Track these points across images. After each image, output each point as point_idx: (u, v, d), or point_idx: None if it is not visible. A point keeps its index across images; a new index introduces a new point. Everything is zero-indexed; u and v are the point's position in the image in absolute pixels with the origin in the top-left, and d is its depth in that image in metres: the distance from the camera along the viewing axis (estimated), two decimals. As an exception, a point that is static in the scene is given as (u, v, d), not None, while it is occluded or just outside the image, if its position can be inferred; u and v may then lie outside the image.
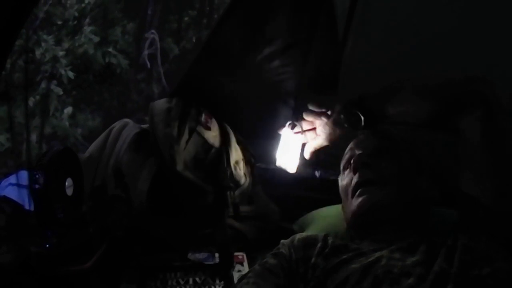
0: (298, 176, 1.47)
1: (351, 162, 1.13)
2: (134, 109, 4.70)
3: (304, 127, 1.25)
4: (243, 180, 1.51)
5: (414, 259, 0.92)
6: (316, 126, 1.23)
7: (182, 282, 1.31)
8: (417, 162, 1.15)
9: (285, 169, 1.37)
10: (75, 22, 4.35)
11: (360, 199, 1.07)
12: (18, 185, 1.38)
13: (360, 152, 1.14)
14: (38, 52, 3.96)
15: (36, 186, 1.11)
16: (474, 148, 1.00)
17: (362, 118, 1.11)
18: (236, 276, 1.33)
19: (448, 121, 1.03)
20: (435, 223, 1.08)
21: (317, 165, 1.64)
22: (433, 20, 1.45)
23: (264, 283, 0.98)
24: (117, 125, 1.57)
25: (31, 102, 3.92)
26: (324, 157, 1.33)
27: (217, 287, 1.31)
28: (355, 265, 0.95)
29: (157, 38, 4.85)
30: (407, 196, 1.07)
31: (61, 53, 4.06)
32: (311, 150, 1.25)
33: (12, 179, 1.42)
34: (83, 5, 4.40)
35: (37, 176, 1.11)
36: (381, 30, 1.53)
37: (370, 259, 0.95)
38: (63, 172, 1.21)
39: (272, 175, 1.68)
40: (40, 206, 1.13)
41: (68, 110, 4.26)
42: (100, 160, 1.50)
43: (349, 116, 1.13)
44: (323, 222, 1.42)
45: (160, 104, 1.49)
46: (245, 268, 1.36)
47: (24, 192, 1.31)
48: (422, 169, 1.14)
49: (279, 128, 1.29)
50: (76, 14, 4.35)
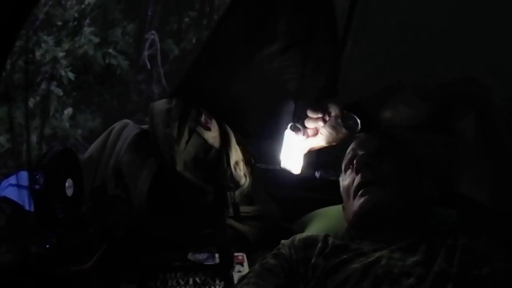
0: (298, 176, 1.47)
1: (354, 162, 1.12)
2: (134, 109, 4.70)
3: (306, 131, 1.26)
4: (243, 181, 1.51)
5: (414, 259, 0.92)
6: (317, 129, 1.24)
7: (182, 282, 1.30)
8: (417, 162, 1.15)
9: (289, 170, 1.37)
10: (75, 23, 4.36)
11: (362, 200, 1.07)
12: (18, 185, 1.38)
13: (362, 153, 1.14)
14: (38, 53, 3.97)
15: (36, 187, 1.11)
16: (472, 149, 1.00)
17: (359, 121, 1.12)
18: (236, 277, 1.32)
19: (444, 123, 1.04)
20: (435, 223, 1.08)
21: (317, 165, 1.63)
22: (433, 20, 1.45)
23: (264, 283, 0.98)
24: (117, 125, 1.58)
25: (31, 103, 3.93)
26: (325, 157, 1.33)
27: (217, 287, 1.31)
28: (355, 265, 0.95)
29: (157, 39, 4.85)
30: (408, 196, 1.07)
31: (61, 54, 4.07)
32: (309, 148, 1.24)
33: (12, 179, 1.42)
34: (83, 6, 4.41)
35: (37, 177, 1.11)
36: (381, 30, 1.53)
37: (370, 259, 0.95)
38: (63, 173, 1.21)
39: (272, 176, 1.69)
40: (40, 206, 1.13)
41: (68, 111, 4.27)
42: (100, 160, 1.50)
43: (346, 120, 1.13)
44: (323, 223, 1.42)
45: (160, 104, 1.49)
46: (245, 269, 1.36)
47: (24, 192, 1.31)
48: (422, 169, 1.14)
49: (279, 129, 1.30)
50: (76, 15, 4.36)
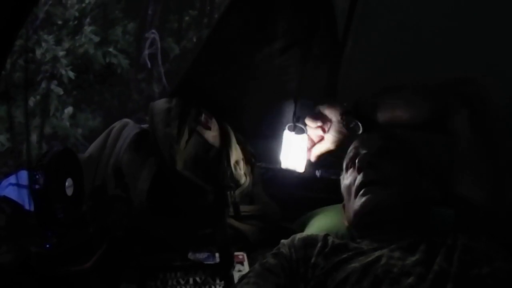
0: (298, 175, 1.47)
1: (356, 161, 1.12)
2: (135, 108, 4.69)
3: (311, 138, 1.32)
4: (243, 180, 1.51)
5: (414, 258, 0.92)
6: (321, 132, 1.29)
7: (182, 282, 1.31)
8: (418, 162, 1.15)
9: (293, 170, 1.38)
10: (76, 22, 4.35)
11: (363, 199, 1.06)
12: (18, 185, 1.38)
13: (364, 152, 1.13)
14: (38, 52, 3.96)
15: (36, 186, 1.11)
16: (468, 149, 1.01)
17: (360, 124, 1.19)
18: (236, 276, 1.33)
19: (441, 123, 1.05)
20: (435, 223, 1.08)
21: (317, 164, 1.63)
22: (433, 20, 1.45)
23: (264, 283, 0.98)
24: (117, 125, 1.58)
25: (32, 102, 3.92)
26: (325, 156, 1.34)
27: (217, 287, 1.31)
28: (355, 264, 0.96)
29: (157, 38, 4.84)
30: (409, 196, 1.07)
31: (61, 53, 4.06)
32: (318, 154, 1.31)
33: (12, 179, 1.42)
34: (83, 5, 4.40)
35: (37, 176, 1.11)
36: (381, 30, 1.53)
37: (370, 258, 0.95)
38: (63, 172, 1.21)
39: (273, 175, 1.69)
40: (40, 206, 1.13)
41: (69, 110, 4.26)
42: (100, 160, 1.50)
43: (348, 124, 1.21)
44: (323, 222, 1.42)
45: (160, 104, 1.49)
46: (245, 268, 1.36)
47: (24, 192, 1.31)
48: (423, 169, 1.14)
49: (279, 128, 1.30)
50: (77, 14, 4.35)
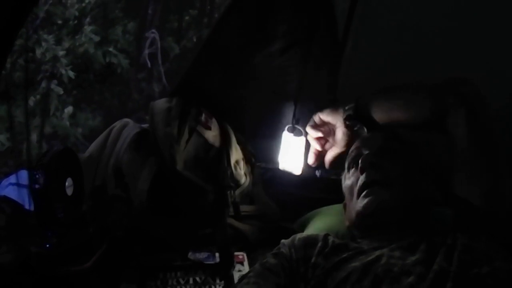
0: (299, 175, 1.47)
1: (359, 161, 1.11)
2: (135, 108, 4.69)
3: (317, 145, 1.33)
4: (243, 180, 1.51)
5: (414, 258, 0.92)
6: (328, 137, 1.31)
7: (182, 282, 1.31)
8: (420, 163, 1.15)
9: (290, 171, 1.38)
10: (76, 22, 4.36)
11: (366, 200, 1.05)
12: (18, 184, 1.38)
13: (367, 152, 1.13)
14: (38, 52, 3.97)
15: (36, 186, 1.11)
16: (465, 148, 1.01)
17: (364, 127, 1.20)
18: (236, 276, 1.33)
19: (437, 123, 1.06)
20: (435, 223, 1.08)
21: (317, 164, 1.63)
22: (433, 20, 1.45)
23: (264, 283, 0.98)
24: (117, 124, 1.58)
25: (32, 101, 3.93)
26: (339, 159, 1.33)
27: (217, 286, 1.31)
28: (355, 263, 0.95)
29: (157, 38, 4.84)
30: (411, 197, 1.07)
31: (61, 52, 4.06)
32: (331, 160, 1.31)
33: (12, 178, 1.42)
34: (83, 4, 4.40)
35: (37, 176, 1.11)
36: (381, 30, 1.53)
37: (370, 258, 0.95)
38: (63, 172, 1.21)
39: (273, 175, 1.69)
40: (40, 206, 1.13)
41: (69, 109, 4.26)
42: (100, 160, 1.50)
43: (352, 127, 1.22)
44: (324, 222, 1.42)
45: (161, 103, 1.49)
46: (245, 268, 1.36)
47: (24, 192, 1.31)
48: (424, 169, 1.14)
49: (279, 128, 1.30)
50: (77, 14, 4.35)
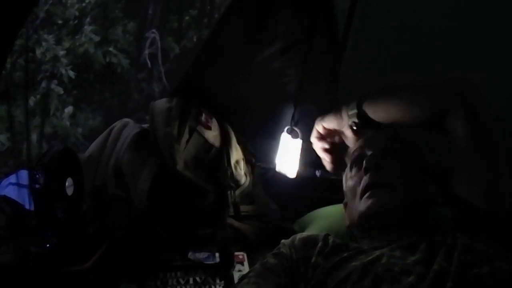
0: (299, 176, 1.47)
1: (364, 162, 1.10)
2: (135, 108, 4.69)
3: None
4: (243, 180, 1.51)
5: (414, 257, 0.92)
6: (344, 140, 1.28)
7: (182, 282, 1.31)
8: (421, 163, 1.15)
9: (285, 174, 1.38)
10: (76, 22, 4.36)
11: (370, 201, 1.05)
12: (18, 184, 1.38)
13: (371, 152, 1.13)
14: (38, 52, 3.97)
15: (36, 186, 1.11)
16: (464, 149, 1.01)
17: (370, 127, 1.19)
18: (236, 276, 1.33)
19: (437, 123, 1.05)
20: (435, 223, 1.08)
21: (318, 164, 1.63)
22: (433, 20, 1.45)
23: (264, 283, 0.98)
24: (117, 124, 1.58)
25: (32, 101, 3.93)
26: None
27: (217, 286, 1.31)
28: (356, 263, 0.95)
29: (157, 37, 4.84)
30: (413, 198, 1.06)
31: (61, 52, 4.06)
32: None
33: (12, 178, 1.42)
34: (83, 4, 4.40)
35: (37, 176, 1.11)
36: (381, 30, 1.53)
37: (370, 257, 0.95)
38: (63, 172, 1.21)
39: (273, 175, 1.68)
40: (40, 206, 1.13)
41: (69, 109, 4.26)
42: (100, 159, 1.50)
43: (360, 130, 1.20)
44: (324, 222, 1.42)
45: (161, 103, 1.49)
46: (245, 268, 1.36)
47: (24, 192, 1.31)
48: (425, 169, 1.14)
49: (279, 128, 1.30)
50: (77, 14, 4.35)
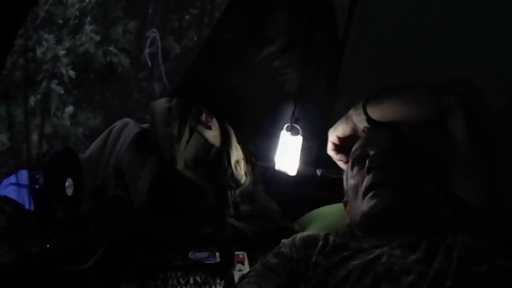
0: (299, 175, 1.47)
1: (367, 161, 1.10)
2: (135, 107, 4.69)
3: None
4: (243, 179, 1.51)
5: (414, 256, 0.92)
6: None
7: (182, 282, 1.30)
8: (421, 163, 1.15)
9: (285, 172, 1.37)
10: (76, 21, 4.35)
11: (373, 202, 1.05)
12: (18, 184, 1.38)
13: (374, 152, 1.12)
14: (39, 51, 3.96)
15: (36, 186, 1.11)
16: (464, 148, 1.01)
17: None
18: (237, 276, 1.33)
19: (437, 123, 1.06)
20: (435, 222, 1.08)
21: (318, 163, 1.63)
22: (433, 20, 1.45)
23: (265, 282, 0.98)
24: (117, 124, 1.58)
25: (32, 101, 3.92)
26: (325, 155, 1.33)
27: (218, 286, 1.31)
28: (356, 261, 0.96)
29: (158, 37, 4.84)
30: (415, 198, 1.06)
31: (62, 52, 4.06)
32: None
33: (12, 178, 1.42)
34: (84, 4, 4.40)
35: (37, 176, 1.11)
36: (381, 30, 1.53)
37: (370, 256, 0.95)
38: (64, 172, 1.21)
39: (273, 174, 1.68)
40: (40, 206, 1.13)
41: (69, 109, 4.25)
42: (100, 159, 1.50)
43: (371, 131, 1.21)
44: (324, 221, 1.42)
45: (161, 103, 1.49)
46: (246, 268, 1.36)
47: (24, 192, 1.31)
48: (425, 169, 1.14)
49: (279, 127, 1.30)
50: (77, 13, 4.35)
